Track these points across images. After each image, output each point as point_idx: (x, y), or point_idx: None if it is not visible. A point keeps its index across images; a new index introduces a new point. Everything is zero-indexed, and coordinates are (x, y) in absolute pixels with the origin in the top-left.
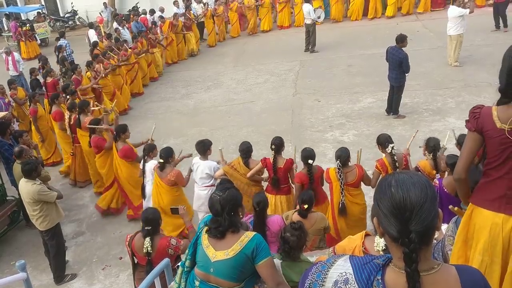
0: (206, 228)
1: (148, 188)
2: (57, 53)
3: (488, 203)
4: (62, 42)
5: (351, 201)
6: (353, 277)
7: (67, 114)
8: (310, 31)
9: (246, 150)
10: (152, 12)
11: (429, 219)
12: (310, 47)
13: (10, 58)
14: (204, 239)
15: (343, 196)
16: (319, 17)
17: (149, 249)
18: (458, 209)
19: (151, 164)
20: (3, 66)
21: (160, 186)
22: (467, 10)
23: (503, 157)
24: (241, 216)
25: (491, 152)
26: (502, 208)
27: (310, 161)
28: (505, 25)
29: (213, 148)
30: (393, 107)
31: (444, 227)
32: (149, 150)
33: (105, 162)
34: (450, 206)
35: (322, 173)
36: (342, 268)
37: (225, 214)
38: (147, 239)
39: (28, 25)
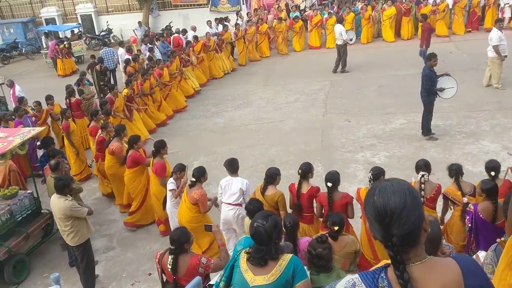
0: (245, 252)
1: (167, 206)
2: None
3: None
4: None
5: None
6: (360, 279)
7: (99, 132)
8: (341, 52)
9: (269, 175)
10: (184, 31)
11: (409, 223)
12: (341, 68)
13: (11, 91)
14: (242, 262)
15: None
16: (351, 39)
17: (169, 267)
18: (502, 241)
19: (169, 181)
20: (42, 83)
21: (184, 203)
22: (496, 44)
23: None
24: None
25: None
26: None
27: (329, 184)
28: None
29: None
30: (423, 127)
31: (482, 254)
32: (178, 169)
33: (135, 178)
34: (498, 239)
35: (347, 203)
36: (349, 277)
37: (272, 243)
38: (170, 257)
39: (66, 43)
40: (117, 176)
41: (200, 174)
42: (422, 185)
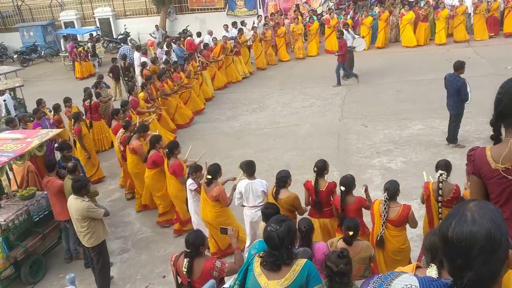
0: (258, 256)
1: (189, 205)
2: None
3: None
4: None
5: (388, 239)
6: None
7: (121, 132)
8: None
9: (280, 179)
10: (199, 35)
11: (484, 269)
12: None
13: None
14: (256, 266)
15: (383, 229)
16: (354, 48)
17: (184, 270)
18: None
19: (188, 183)
20: (60, 85)
21: (206, 201)
22: None
23: (504, 197)
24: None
25: (492, 193)
26: None
27: (341, 188)
28: None
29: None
30: (450, 135)
31: None
32: (194, 170)
33: (159, 179)
34: None
35: (360, 206)
36: (407, 280)
37: (284, 248)
38: (185, 260)
39: (89, 45)
40: (141, 175)
41: (216, 171)
42: (440, 184)
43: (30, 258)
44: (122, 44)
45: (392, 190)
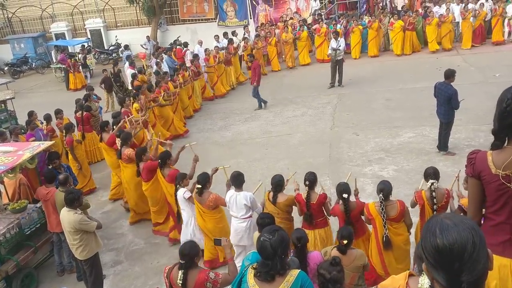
0: (252, 268)
1: (184, 216)
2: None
3: (492, 248)
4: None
5: (394, 233)
6: None
7: (118, 141)
8: (331, 67)
9: (276, 184)
10: (186, 44)
11: (480, 267)
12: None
13: None
14: (250, 278)
15: (386, 230)
16: (329, 55)
17: (179, 282)
18: None
19: (181, 192)
20: (51, 97)
21: (202, 212)
22: None
23: (501, 202)
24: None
25: (490, 196)
26: (507, 252)
27: (345, 195)
28: None
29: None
30: (441, 143)
31: None
32: (181, 178)
33: (156, 189)
34: None
35: (361, 210)
36: None
37: (277, 258)
38: (180, 272)
39: (81, 56)
40: (137, 186)
41: (205, 180)
42: (433, 193)
43: (22, 272)
44: (126, 50)
45: (387, 190)
